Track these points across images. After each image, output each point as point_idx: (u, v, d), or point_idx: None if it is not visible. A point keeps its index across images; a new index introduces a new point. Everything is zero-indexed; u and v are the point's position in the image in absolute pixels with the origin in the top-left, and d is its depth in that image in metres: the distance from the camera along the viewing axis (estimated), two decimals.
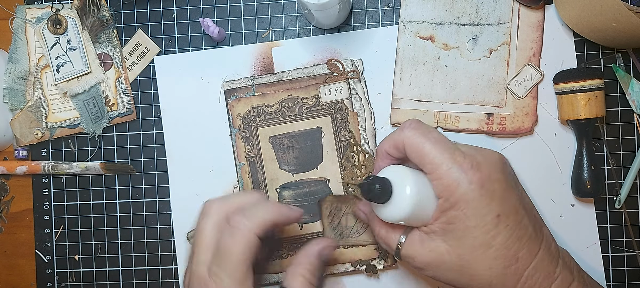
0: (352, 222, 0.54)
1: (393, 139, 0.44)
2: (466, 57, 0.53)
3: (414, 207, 0.41)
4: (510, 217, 0.41)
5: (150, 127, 0.56)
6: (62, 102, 0.56)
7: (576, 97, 0.50)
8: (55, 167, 0.56)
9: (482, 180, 0.40)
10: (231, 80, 0.55)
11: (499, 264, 0.40)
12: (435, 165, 0.41)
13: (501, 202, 0.40)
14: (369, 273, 0.54)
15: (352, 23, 0.55)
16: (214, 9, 0.56)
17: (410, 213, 0.42)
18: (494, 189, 0.40)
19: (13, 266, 0.58)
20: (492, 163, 0.41)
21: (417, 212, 0.42)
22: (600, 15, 0.47)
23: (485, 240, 0.40)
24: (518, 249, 0.40)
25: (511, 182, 0.42)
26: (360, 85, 0.54)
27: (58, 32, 0.55)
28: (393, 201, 0.42)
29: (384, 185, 0.42)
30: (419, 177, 0.42)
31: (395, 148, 0.44)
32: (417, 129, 0.42)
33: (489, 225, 0.40)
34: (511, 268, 0.40)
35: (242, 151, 0.55)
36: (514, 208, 0.41)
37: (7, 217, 0.58)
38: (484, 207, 0.40)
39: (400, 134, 0.43)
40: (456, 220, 0.41)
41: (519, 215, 0.41)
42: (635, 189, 0.53)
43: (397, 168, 0.43)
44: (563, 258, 0.43)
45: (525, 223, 0.41)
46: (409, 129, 0.43)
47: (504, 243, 0.40)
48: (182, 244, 0.56)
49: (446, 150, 0.41)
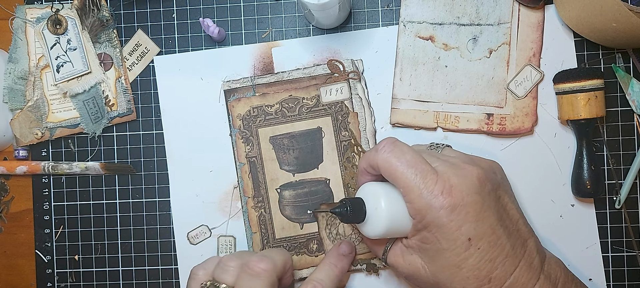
0: (350, 231, 0.54)
1: (368, 159, 0.45)
2: (466, 57, 0.53)
3: (388, 225, 0.43)
4: (483, 239, 0.40)
5: (150, 127, 0.56)
6: (62, 102, 0.56)
7: (576, 97, 0.50)
8: (55, 167, 0.56)
9: (453, 205, 0.40)
10: (231, 80, 0.55)
11: (471, 284, 0.41)
12: (407, 188, 0.42)
13: (475, 225, 0.40)
14: (369, 272, 0.54)
15: (352, 23, 0.55)
16: (214, 9, 0.56)
17: (385, 230, 0.44)
18: (466, 212, 0.40)
19: (13, 266, 0.58)
20: (467, 186, 0.41)
21: (393, 228, 0.44)
22: (600, 15, 0.47)
23: (456, 262, 0.41)
24: (490, 270, 0.41)
25: (489, 201, 0.42)
26: (360, 85, 0.54)
27: (58, 32, 0.55)
28: (369, 219, 0.45)
29: (356, 207, 0.44)
30: (394, 194, 0.44)
31: (371, 167, 0.45)
32: (391, 152, 0.43)
33: (459, 249, 0.40)
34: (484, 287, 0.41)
35: (242, 151, 0.55)
36: (489, 229, 0.41)
37: (7, 217, 0.58)
38: (454, 232, 0.40)
39: (376, 156, 0.44)
40: (428, 241, 0.42)
41: (495, 235, 0.41)
42: (635, 189, 0.53)
43: (374, 185, 0.45)
44: (547, 273, 0.43)
45: (502, 242, 0.41)
46: (383, 151, 0.43)
47: (476, 265, 0.40)
48: (182, 244, 0.56)
49: (419, 174, 0.41)
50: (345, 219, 0.45)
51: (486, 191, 0.42)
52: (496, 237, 0.41)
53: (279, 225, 0.55)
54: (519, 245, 0.42)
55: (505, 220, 0.42)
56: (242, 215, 0.55)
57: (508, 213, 0.43)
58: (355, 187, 0.49)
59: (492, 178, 0.43)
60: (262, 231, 0.55)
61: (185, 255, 0.56)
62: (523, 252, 0.42)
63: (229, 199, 0.55)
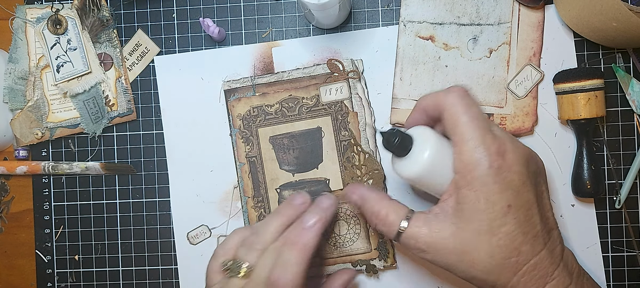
0: (345, 230, 0.54)
1: (436, 98, 0.44)
2: (466, 57, 0.53)
3: (427, 169, 0.42)
4: (521, 210, 0.41)
5: (150, 127, 0.56)
6: (62, 102, 0.56)
7: (576, 97, 0.50)
8: (55, 167, 0.56)
9: (502, 167, 0.40)
10: (231, 80, 0.55)
11: (499, 254, 0.40)
12: (463, 140, 0.41)
13: (515, 194, 0.41)
14: (369, 273, 0.54)
15: (352, 23, 0.55)
16: (214, 9, 0.56)
17: (421, 173, 0.43)
18: (511, 179, 0.41)
19: (13, 266, 0.58)
20: (518, 155, 0.41)
21: (428, 176, 0.43)
22: (600, 15, 0.47)
23: (491, 227, 0.40)
24: (521, 243, 0.41)
25: (532, 179, 0.42)
26: (360, 85, 0.54)
27: (58, 32, 0.55)
28: (410, 157, 0.43)
29: (404, 140, 0.43)
30: (442, 146, 0.43)
31: (434, 107, 0.44)
32: (461, 98, 0.42)
33: (497, 213, 0.40)
34: (511, 260, 0.41)
35: (242, 151, 0.55)
36: (527, 204, 0.41)
37: (7, 217, 0.58)
38: (496, 194, 0.40)
39: (444, 97, 0.43)
40: (467, 200, 0.41)
41: (531, 211, 0.41)
42: (635, 189, 0.53)
43: (425, 130, 0.44)
44: (565, 262, 0.43)
45: (535, 221, 0.42)
46: (454, 95, 0.42)
47: (509, 233, 0.40)
48: (182, 244, 0.56)
49: (479, 129, 0.41)
50: (389, 146, 0.44)
51: (531, 169, 0.43)
52: (531, 213, 0.41)
53: None
54: (546, 230, 0.43)
55: (540, 203, 0.43)
56: (242, 215, 0.55)
57: (543, 200, 0.44)
58: (406, 124, 0.48)
59: (537, 161, 0.44)
60: None
61: (185, 255, 0.56)
62: (548, 238, 0.43)
63: (229, 199, 0.55)
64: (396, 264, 0.54)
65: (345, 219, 0.54)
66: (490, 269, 0.41)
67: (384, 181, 0.54)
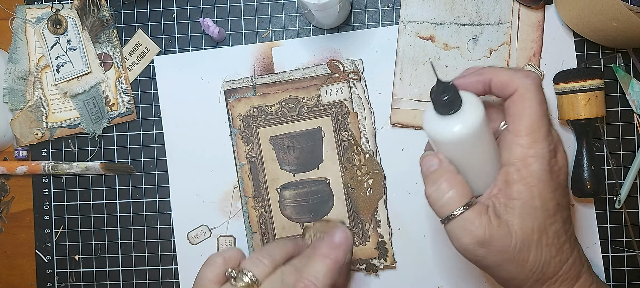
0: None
1: (511, 76, 0.40)
2: (466, 57, 0.53)
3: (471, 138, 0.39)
4: (565, 210, 0.41)
5: (150, 127, 0.56)
6: (62, 102, 0.56)
7: (576, 97, 0.50)
8: (55, 167, 0.56)
9: (558, 167, 0.41)
10: (231, 80, 0.55)
11: (548, 252, 0.40)
12: (530, 130, 0.39)
13: (563, 194, 0.41)
14: (368, 272, 0.54)
15: (352, 23, 0.55)
16: (214, 9, 0.56)
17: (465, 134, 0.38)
18: (562, 179, 0.41)
19: (13, 266, 0.58)
20: (564, 155, 0.42)
21: (472, 146, 0.39)
22: (600, 14, 0.47)
23: (544, 225, 0.40)
24: (564, 241, 0.41)
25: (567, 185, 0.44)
26: (360, 85, 0.54)
27: (58, 32, 0.55)
28: (453, 118, 0.39)
29: (455, 100, 0.38)
30: (487, 124, 0.40)
31: (504, 84, 0.41)
32: (539, 88, 0.40)
33: (549, 210, 0.40)
34: (557, 258, 0.41)
35: (243, 151, 0.55)
36: (567, 204, 0.42)
37: (7, 217, 0.58)
38: (549, 192, 0.40)
39: (522, 79, 0.40)
40: (521, 196, 0.39)
41: (569, 212, 0.42)
42: (635, 189, 0.53)
43: (475, 99, 0.40)
44: (588, 262, 0.44)
45: (571, 221, 0.43)
46: (532, 81, 0.40)
47: (557, 231, 0.41)
48: (182, 244, 0.56)
49: (546, 125, 0.40)
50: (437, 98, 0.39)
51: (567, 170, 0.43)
52: (569, 213, 0.42)
53: (280, 225, 0.55)
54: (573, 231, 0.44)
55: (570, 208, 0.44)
56: (243, 215, 0.55)
57: None
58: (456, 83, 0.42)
59: None
60: (263, 231, 0.55)
61: (185, 255, 0.56)
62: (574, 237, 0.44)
63: (229, 199, 0.55)
64: (395, 264, 0.54)
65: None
66: (538, 268, 0.40)
67: (383, 181, 0.54)
